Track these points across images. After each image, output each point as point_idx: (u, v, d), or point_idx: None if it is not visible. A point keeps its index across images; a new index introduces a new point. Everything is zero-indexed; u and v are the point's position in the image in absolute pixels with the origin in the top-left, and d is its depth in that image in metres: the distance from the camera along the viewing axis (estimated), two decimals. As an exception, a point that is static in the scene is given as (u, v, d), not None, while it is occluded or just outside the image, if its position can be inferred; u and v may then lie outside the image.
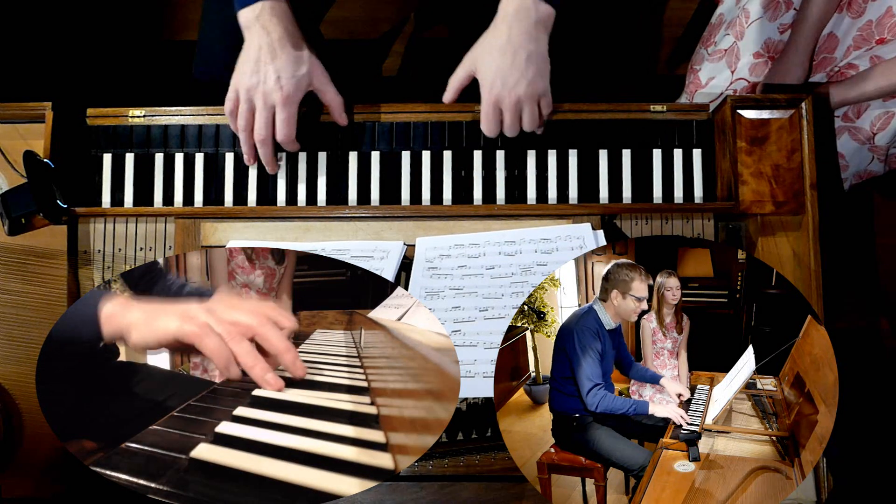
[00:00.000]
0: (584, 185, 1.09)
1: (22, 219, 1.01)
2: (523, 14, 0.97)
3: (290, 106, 1.01)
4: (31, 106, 1.04)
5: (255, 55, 0.99)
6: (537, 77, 1.00)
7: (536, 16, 0.98)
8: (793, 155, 1.04)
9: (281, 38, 0.98)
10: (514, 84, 0.99)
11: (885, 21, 1.19)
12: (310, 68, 1.02)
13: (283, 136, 1.02)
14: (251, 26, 0.99)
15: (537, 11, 0.97)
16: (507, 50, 0.98)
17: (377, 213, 1.05)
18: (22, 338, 0.99)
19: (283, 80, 0.99)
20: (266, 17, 0.98)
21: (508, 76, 0.98)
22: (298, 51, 1.00)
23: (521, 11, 0.97)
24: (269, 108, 1.00)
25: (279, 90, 0.99)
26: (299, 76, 1.00)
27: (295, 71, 0.99)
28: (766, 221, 1.05)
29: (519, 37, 0.98)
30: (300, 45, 1.01)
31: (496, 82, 0.99)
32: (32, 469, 0.96)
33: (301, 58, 1.01)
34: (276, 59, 0.98)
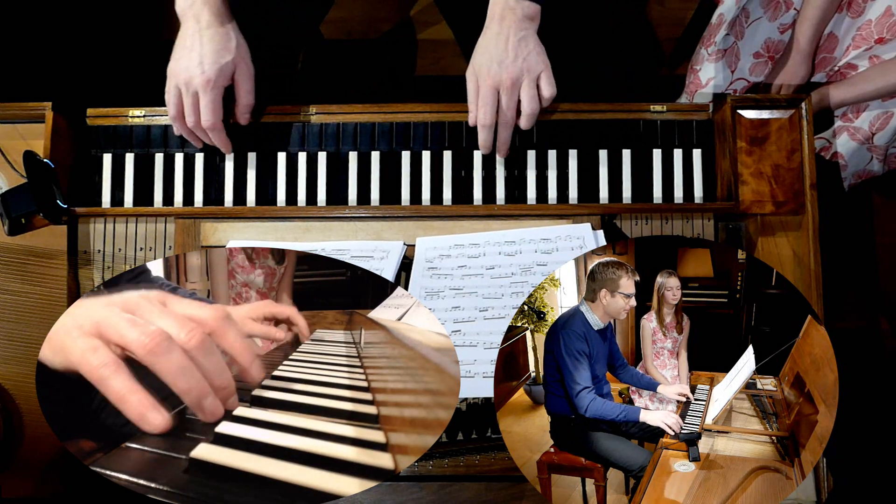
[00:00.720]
0: (584, 185, 1.09)
1: (22, 219, 1.01)
2: (508, 13, 1.01)
3: (213, 91, 1.01)
4: (31, 106, 1.04)
5: (182, 42, 1.01)
6: (532, 55, 1.01)
7: (523, 12, 1.00)
8: (793, 155, 1.04)
9: (209, 25, 1.00)
10: (510, 62, 1.00)
11: (884, 21, 1.19)
12: (235, 59, 1.02)
13: (206, 123, 1.02)
14: (184, 14, 1.01)
15: (522, 9, 1.00)
16: (498, 40, 1.01)
17: (377, 213, 1.05)
18: (22, 338, 0.99)
19: (205, 64, 1.00)
20: (198, 6, 1.00)
21: (504, 58, 1.00)
22: (225, 40, 1.01)
23: (507, 11, 1.00)
24: (192, 93, 1.01)
25: (201, 74, 0.99)
26: (222, 63, 1.00)
27: (219, 58, 1.00)
28: (766, 221, 1.05)
29: (507, 28, 1.01)
30: (229, 36, 1.02)
31: (493, 67, 1.01)
32: (32, 469, 0.96)
33: (227, 47, 1.01)
34: (202, 45, 1.00)
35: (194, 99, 1.01)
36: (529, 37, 1.02)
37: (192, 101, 1.01)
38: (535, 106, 1.04)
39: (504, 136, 1.05)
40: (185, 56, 1.00)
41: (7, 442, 0.96)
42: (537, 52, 1.02)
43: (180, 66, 1.01)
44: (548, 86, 1.04)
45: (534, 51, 1.02)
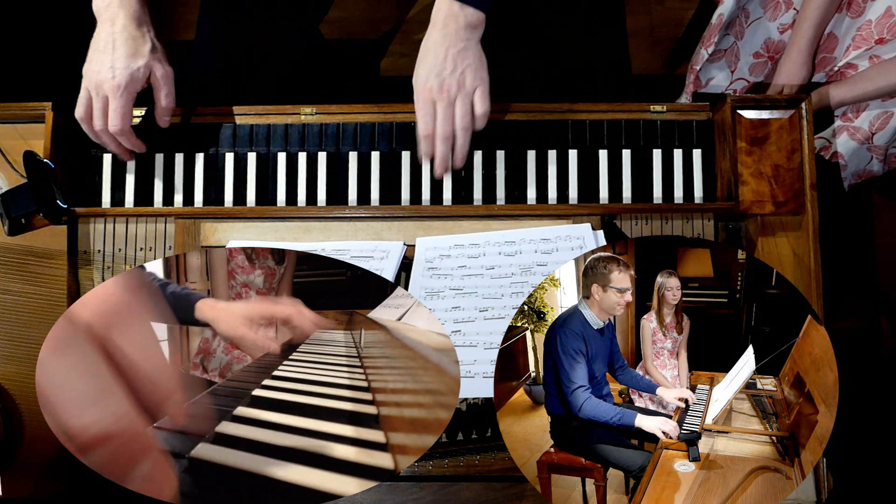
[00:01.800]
0: (584, 185, 1.09)
1: (22, 219, 1.01)
2: (451, 20, 0.99)
3: (123, 96, 0.99)
4: (31, 106, 1.04)
5: (96, 45, 1.00)
6: (470, 69, 1.00)
7: (465, 20, 0.99)
8: (793, 155, 1.04)
9: (123, 29, 0.98)
10: (447, 75, 0.99)
11: (884, 21, 1.19)
12: (148, 62, 1.01)
13: (115, 128, 1.01)
14: (100, 15, 1.00)
15: (465, 16, 0.99)
16: (438, 50, 0.99)
17: (377, 213, 1.05)
18: (22, 338, 0.99)
19: (116, 70, 0.98)
20: (114, 7, 0.99)
21: (442, 69, 0.99)
22: (137, 44, 1.00)
23: (449, 18, 0.99)
24: (101, 97, 1.00)
25: (111, 80, 0.98)
26: (134, 68, 0.99)
27: (130, 63, 0.99)
28: (766, 221, 1.05)
29: (449, 37, 0.99)
30: (143, 39, 1.00)
31: (430, 77, 1.00)
32: (32, 469, 0.96)
33: (140, 51, 1.00)
34: (114, 49, 0.98)
35: (104, 103, 1.00)
36: (470, 48, 1.00)
37: (102, 104, 1.00)
38: (468, 122, 1.02)
39: (441, 149, 1.03)
40: (97, 59, 0.99)
41: (7, 442, 0.96)
42: (476, 67, 1.01)
43: (92, 69, 1.00)
44: (481, 103, 1.02)
45: (472, 64, 1.00)
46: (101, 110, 1.00)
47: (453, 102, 1.01)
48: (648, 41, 1.87)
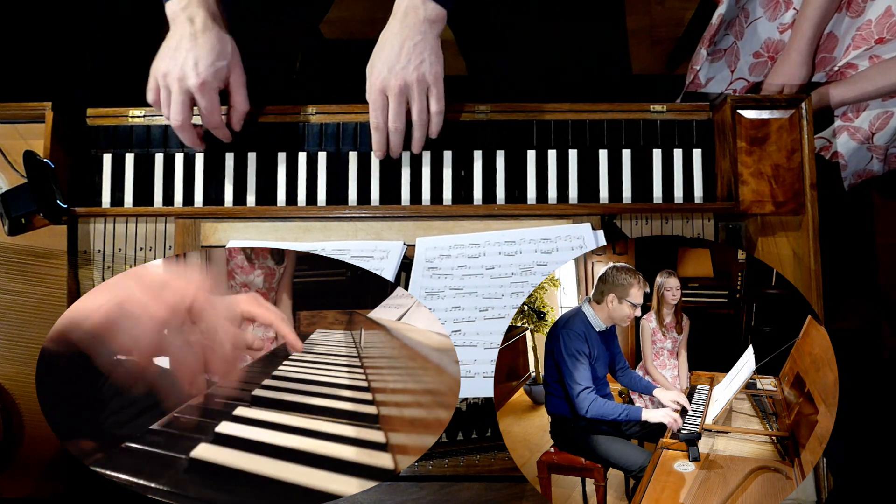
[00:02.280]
0: (584, 185, 1.09)
1: (22, 219, 1.01)
2: (412, 11, 0.99)
3: (209, 93, 0.99)
4: (31, 106, 1.04)
5: (174, 43, 0.98)
6: (425, 64, 0.99)
7: (425, 13, 0.98)
8: (793, 155, 1.04)
9: (205, 27, 0.98)
10: (400, 69, 0.98)
11: (884, 21, 1.19)
12: (230, 63, 1.00)
13: (210, 124, 1.01)
14: (177, 16, 0.99)
15: (426, 10, 0.98)
16: (395, 41, 0.99)
17: (377, 213, 1.05)
18: (22, 338, 0.99)
19: (200, 66, 0.97)
20: (193, 8, 0.98)
21: (395, 63, 0.98)
22: (221, 43, 0.99)
23: (410, 10, 0.99)
24: (184, 92, 0.98)
25: (196, 76, 0.97)
26: (218, 66, 0.98)
27: (215, 60, 0.98)
28: (766, 221, 1.05)
29: (407, 29, 0.98)
30: (224, 39, 1.00)
31: (383, 69, 0.99)
32: (32, 469, 0.96)
33: (224, 50, 0.99)
34: (196, 46, 0.97)
35: (185, 97, 0.99)
36: (427, 42, 0.99)
37: (183, 99, 0.99)
38: (424, 118, 1.02)
39: (394, 140, 1.03)
40: (171, 56, 0.98)
41: (7, 442, 0.96)
42: (431, 62, 1.00)
43: (166, 65, 0.98)
44: (436, 100, 1.02)
45: (428, 59, 0.99)
46: (183, 105, 0.99)
47: (405, 96, 1.00)
48: (648, 41, 1.87)
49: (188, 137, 1.03)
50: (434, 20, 0.99)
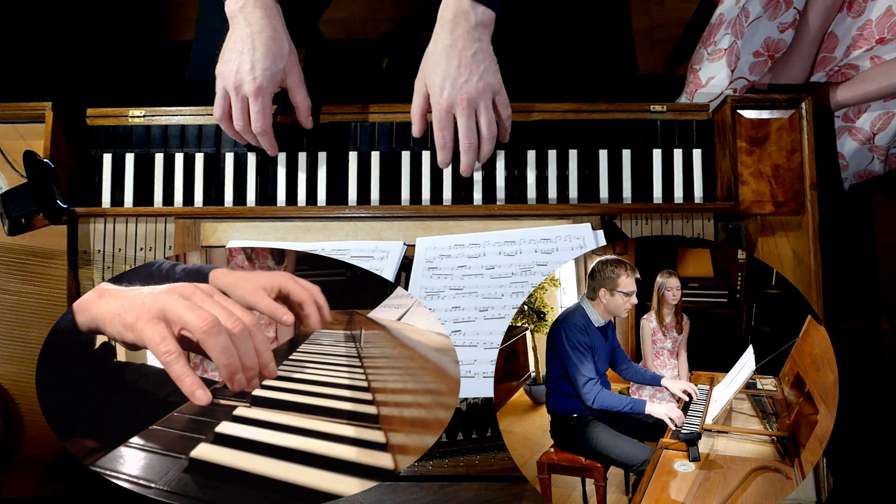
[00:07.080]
0: (584, 185, 1.09)
1: (22, 219, 1.01)
2: (462, 18, 0.96)
3: (263, 98, 0.99)
4: (31, 106, 1.04)
5: (233, 45, 0.99)
6: (487, 73, 0.97)
7: (476, 18, 0.96)
8: (793, 155, 1.04)
9: (262, 30, 0.98)
10: (464, 83, 0.96)
11: (885, 21, 1.19)
12: (287, 65, 1.01)
13: (257, 128, 1.01)
14: (235, 17, 0.99)
15: (476, 14, 0.96)
16: (451, 53, 0.96)
17: (377, 213, 1.05)
18: (22, 338, 0.99)
19: (257, 70, 0.97)
20: (249, 8, 0.98)
21: (457, 77, 0.96)
22: (278, 46, 0.99)
23: (460, 15, 0.96)
24: (241, 98, 0.99)
25: (252, 81, 0.97)
26: (274, 70, 0.99)
27: (271, 64, 0.98)
28: (766, 221, 1.05)
29: (461, 39, 0.96)
30: (281, 41, 1.00)
31: (445, 86, 0.97)
32: (32, 469, 0.96)
33: (280, 53, 0.99)
34: (254, 50, 0.97)
35: (244, 103, 1.00)
36: (483, 50, 0.97)
37: (242, 105, 1.00)
38: (494, 130, 1.01)
39: (466, 160, 1.03)
40: (234, 59, 0.98)
41: (7, 442, 0.96)
42: (493, 70, 0.98)
43: (229, 69, 0.99)
44: (504, 105, 1.00)
45: (489, 68, 0.97)
46: (242, 111, 1.00)
47: (475, 110, 0.99)
48: (649, 41, 1.87)
49: (251, 141, 1.04)
50: (486, 24, 0.97)
